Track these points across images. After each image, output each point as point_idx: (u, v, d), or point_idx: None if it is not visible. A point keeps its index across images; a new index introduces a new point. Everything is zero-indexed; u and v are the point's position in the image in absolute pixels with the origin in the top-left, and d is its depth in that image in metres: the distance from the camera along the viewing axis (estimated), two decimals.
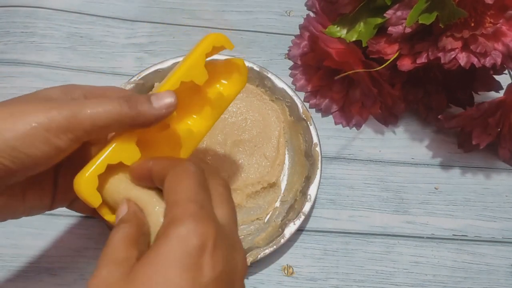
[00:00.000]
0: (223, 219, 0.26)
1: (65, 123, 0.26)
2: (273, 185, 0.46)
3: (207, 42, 0.33)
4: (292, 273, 0.43)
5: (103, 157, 0.28)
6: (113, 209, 0.29)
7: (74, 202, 0.33)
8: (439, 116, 0.47)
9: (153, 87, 0.48)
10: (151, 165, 0.28)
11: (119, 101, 0.28)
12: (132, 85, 0.47)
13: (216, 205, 0.26)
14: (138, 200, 0.28)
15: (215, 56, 0.35)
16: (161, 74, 0.48)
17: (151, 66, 0.48)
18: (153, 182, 0.28)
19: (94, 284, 0.23)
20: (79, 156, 0.30)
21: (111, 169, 0.29)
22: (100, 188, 0.28)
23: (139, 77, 0.47)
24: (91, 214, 0.32)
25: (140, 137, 0.29)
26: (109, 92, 0.31)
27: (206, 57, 0.32)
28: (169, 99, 0.29)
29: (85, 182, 0.28)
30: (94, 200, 0.28)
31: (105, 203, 0.29)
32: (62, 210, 0.43)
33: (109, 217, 0.29)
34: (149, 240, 0.26)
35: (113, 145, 0.28)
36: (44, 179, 0.31)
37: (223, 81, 0.35)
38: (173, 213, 0.24)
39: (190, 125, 0.33)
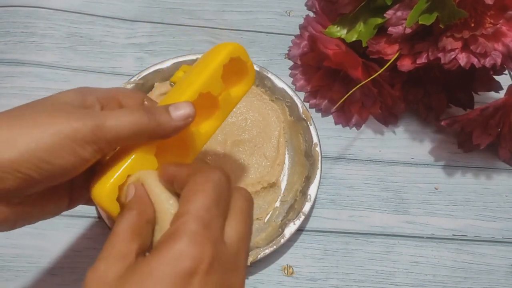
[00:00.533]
0: (232, 237, 0.25)
1: (90, 134, 0.26)
2: (273, 185, 0.46)
3: (225, 53, 0.33)
4: (292, 273, 0.43)
5: (123, 167, 0.28)
6: None
7: (91, 199, 0.33)
8: (442, 123, 0.47)
9: (153, 87, 0.48)
10: (173, 170, 0.28)
11: (140, 113, 0.28)
12: (132, 85, 0.47)
13: (230, 221, 0.26)
14: (154, 196, 0.28)
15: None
16: (161, 74, 0.48)
17: (151, 66, 0.48)
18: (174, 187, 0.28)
19: (90, 278, 0.23)
20: None
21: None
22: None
23: (139, 77, 0.47)
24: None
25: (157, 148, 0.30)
26: (121, 96, 0.32)
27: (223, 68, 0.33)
28: (187, 110, 0.29)
29: (105, 193, 0.28)
30: (114, 209, 0.28)
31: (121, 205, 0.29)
32: None
33: None
34: (153, 229, 0.27)
35: (133, 156, 0.29)
36: (62, 186, 0.31)
37: (232, 81, 0.35)
38: (176, 226, 0.24)
39: (198, 126, 0.33)
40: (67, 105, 0.28)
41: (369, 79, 0.45)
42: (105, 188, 0.28)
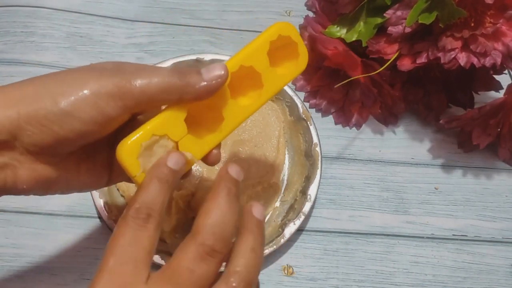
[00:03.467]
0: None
1: (115, 90, 0.26)
2: (273, 185, 0.46)
3: (273, 29, 0.32)
4: (292, 273, 0.43)
5: (149, 126, 0.28)
6: None
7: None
8: (441, 121, 0.47)
9: None
10: None
11: (169, 72, 0.28)
12: None
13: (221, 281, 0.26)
14: None
15: None
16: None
17: None
18: None
19: None
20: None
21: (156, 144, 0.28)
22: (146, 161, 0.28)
23: None
24: None
25: (190, 112, 0.29)
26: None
27: (271, 46, 0.32)
28: (219, 71, 0.28)
29: (127, 149, 0.27)
30: (133, 168, 0.27)
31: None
32: (62, 210, 0.44)
33: None
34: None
35: (161, 116, 0.28)
36: (99, 156, 0.31)
37: (282, 63, 0.34)
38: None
39: (237, 98, 0.32)
40: (101, 68, 0.28)
41: (367, 75, 0.45)
42: (127, 144, 0.27)
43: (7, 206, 0.43)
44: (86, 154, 0.30)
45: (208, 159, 0.31)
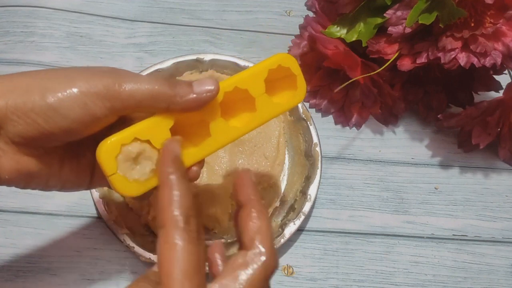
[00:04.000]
0: None
1: (104, 90, 0.27)
2: (273, 185, 0.46)
3: (274, 59, 0.33)
4: (292, 273, 0.43)
5: (132, 128, 0.28)
6: (127, 184, 0.28)
7: None
8: (438, 116, 0.47)
9: None
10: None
11: (161, 81, 0.28)
12: None
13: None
14: None
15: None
16: (161, 74, 0.48)
17: (151, 66, 0.48)
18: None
19: None
20: None
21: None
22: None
23: None
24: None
25: (177, 124, 0.29)
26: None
27: (270, 75, 0.32)
28: (209, 86, 0.29)
29: (106, 147, 0.27)
30: (109, 167, 0.27)
31: (121, 176, 0.28)
32: (62, 210, 0.44)
33: (120, 188, 0.28)
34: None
35: (147, 121, 0.28)
36: (83, 157, 0.31)
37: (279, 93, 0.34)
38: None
39: (227, 118, 0.32)
40: (95, 69, 0.28)
41: (367, 75, 0.45)
42: (107, 143, 0.27)
43: (6, 206, 0.43)
44: (71, 153, 0.30)
45: (187, 174, 0.30)
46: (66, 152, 0.30)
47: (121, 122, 0.29)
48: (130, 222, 0.41)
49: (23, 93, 0.26)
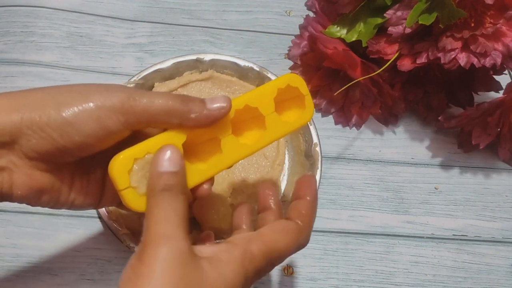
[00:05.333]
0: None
1: (118, 105, 0.27)
2: None
3: (283, 79, 0.33)
4: (292, 273, 0.43)
5: (145, 143, 0.28)
6: (139, 198, 0.28)
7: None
8: (439, 118, 0.47)
9: (153, 87, 0.48)
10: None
11: (174, 96, 0.28)
12: (132, 85, 0.47)
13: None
14: None
15: None
16: (161, 74, 0.48)
17: (151, 66, 0.48)
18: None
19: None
20: None
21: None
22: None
23: (139, 77, 0.47)
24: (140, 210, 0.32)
25: (189, 141, 0.29)
26: None
27: (279, 94, 0.33)
28: (222, 103, 0.29)
29: (119, 161, 0.27)
30: (121, 181, 0.27)
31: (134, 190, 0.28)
32: (63, 210, 0.43)
33: (132, 202, 0.28)
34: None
35: (159, 136, 0.29)
36: (93, 175, 0.31)
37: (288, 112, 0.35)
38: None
39: (238, 135, 0.32)
40: (109, 85, 0.29)
41: (367, 76, 0.45)
42: (119, 157, 0.27)
43: (7, 206, 0.43)
44: (82, 170, 0.30)
45: (197, 192, 0.31)
46: (77, 169, 0.30)
47: (132, 139, 0.29)
48: (130, 222, 0.41)
49: (38, 108, 0.26)
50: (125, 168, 0.27)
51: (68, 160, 0.28)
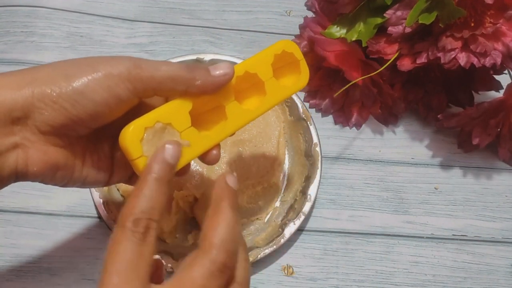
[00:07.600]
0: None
1: (126, 73, 0.27)
2: (273, 185, 0.46)
3: (278, 45, 0.35)
4: (292, 273, 0.43)
5: (154, 112, 0.29)
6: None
7: (132, 177, 0.34)
8: (438, 116, 0.47)
9: None
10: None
11: (179, 65, 0.29)
12: None
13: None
14: None
15: None
16: None
17: None
18: None
19: None
20: None
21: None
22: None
23: None
24: None
25: (194, 111, 0.30)
26: None
27: (276, 61, 0.34)
28: (225, 69, 0.30)
29: (130, 131, 0.28)
30: (134, 150, 0.28)
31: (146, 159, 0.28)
32: (62, 210, 0.44)
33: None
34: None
35: (167, 105, 0.29)
36: (102, 150, 0.32)
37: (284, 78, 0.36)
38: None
39: (241, 101, 0.33)
40: (116, 56, 0.29)
41: (367, 76, 0.45)
42: (130, 127, 0.28)
43: (7, 206, 0.43)
44: (92, 147, 0.31)
45: (206, 158, 0.32)
46: (87, 145, 0.31)
47: (138, 111, 0.30)
48: None
49: (48, 81, 0.27)
50: (137, 138, 0.28)
51: (81, 133, 0.29)
